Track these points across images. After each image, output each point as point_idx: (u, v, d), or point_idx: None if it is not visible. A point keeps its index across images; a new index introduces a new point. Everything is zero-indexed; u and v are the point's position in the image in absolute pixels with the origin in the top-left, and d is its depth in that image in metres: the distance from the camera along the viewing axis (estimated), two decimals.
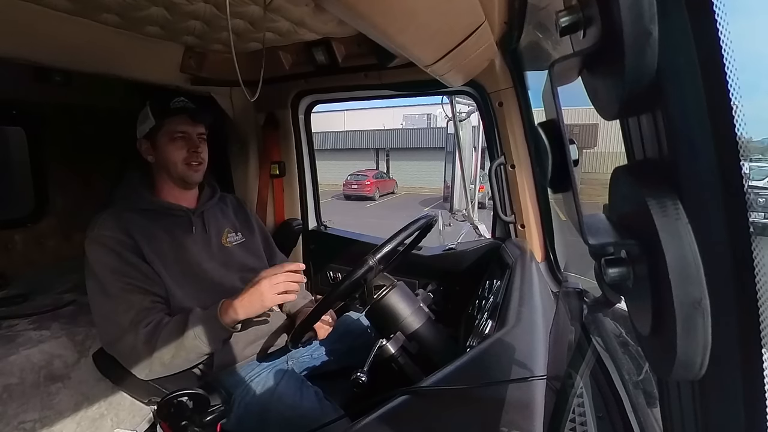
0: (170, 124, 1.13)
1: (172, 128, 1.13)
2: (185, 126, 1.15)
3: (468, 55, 1.06)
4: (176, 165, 1.14)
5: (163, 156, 1.15)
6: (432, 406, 0.63)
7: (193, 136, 1.16)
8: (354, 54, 1.50)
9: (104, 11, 1.12)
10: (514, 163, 1.41)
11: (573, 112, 0.91)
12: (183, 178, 1.16)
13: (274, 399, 1.05)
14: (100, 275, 1.01)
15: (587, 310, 1.10)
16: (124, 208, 1.10)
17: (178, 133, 1.14)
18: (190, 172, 1.16)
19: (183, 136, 1.15)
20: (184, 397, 0.86)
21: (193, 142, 1.16)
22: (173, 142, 1.14)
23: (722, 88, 0.27)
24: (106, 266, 1.01)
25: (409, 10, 0.69)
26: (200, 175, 1.19)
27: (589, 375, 0.84)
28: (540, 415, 0.58)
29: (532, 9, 1.05)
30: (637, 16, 0.27)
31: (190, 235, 1.16)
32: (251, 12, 1.18)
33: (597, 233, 0.33)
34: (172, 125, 1.13)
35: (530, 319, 0.85)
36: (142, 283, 1.02)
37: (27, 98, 1.65)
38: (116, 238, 1.03)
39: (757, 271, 0.28)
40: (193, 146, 1.15)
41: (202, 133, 1.19)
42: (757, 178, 2.80)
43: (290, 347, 1.04)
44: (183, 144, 1.14)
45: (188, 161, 1.15)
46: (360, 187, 17.08)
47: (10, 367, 1.18)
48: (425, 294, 1.15)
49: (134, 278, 1.01)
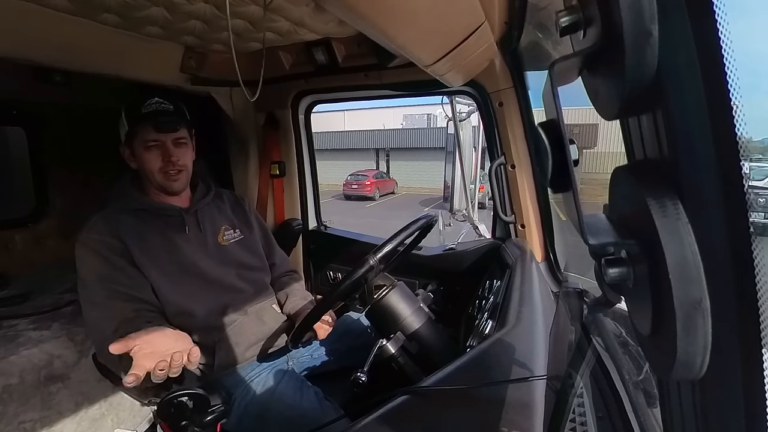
0: (142, 131, 1.06)
1: (144, 136, 1.07)
2: (156, 134, 1.07)
3: (468, 55, 1.06)
4: (154, 174, 1.09)
5: (141, 164, 1.09)
6: (432, 406, 0.63)
7: (167, 144, 1.08)
8: (354, 54, 1.50)
9: (104, 11, 1.12)
10: (514, 163, 1.41)
11: (573, 112, 0.91)
12: (163, 187, 1.12)
13: (274, 399, 1.05)
14: (87, 281, 1.00)
15: (587, 310, 1.10)
16: (116, 210, 1.09)
17: (151, 142, 1.07)
18: (169, 181, 1.10)
19: (156, 144, 1.08)
20: (184, 397, 0.86)
21: (167, 151, 1.08)
22: (148, 151, 1.07)
23: (722, 88, 0.27)
24: (92, 271, 1.00)
25: (409, 10, 0.69)
26: (181, 183, 1.14)
27: (590, 375, 0.84)
28: (540, 415, 0.58)
29: (532, 9, 1.05)
30: (637, 15, 0.27)
31: (184, 235, 1.14)
32: (251, 12, 1.18)
33: (597, 233, 0.33)
34: (143, 133, 1.06)
35: (530, 319, 0.85)
36: (128, 289, 1.00)
37: (27, 98, 1.65)
38: (105, 241, 1.01)
39: (758, 271, 0.28)
40: (167, 155, 1.08)
41: (179, 138, 1.11)
42: (758, 178, 2.80)
43: (290, 347, 1.05)
44: (158, 153, 1.08)
45: (164, 170, 1.09)
46: (360, 187, 17.08)
47: (11, 367, 1.18)
48: (425, 294, 1.15)
49: (120, 284, 0.99)
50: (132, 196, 1.13)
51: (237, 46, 1.24)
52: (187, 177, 1.16)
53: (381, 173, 19.25)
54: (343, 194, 17.17)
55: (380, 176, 18.67)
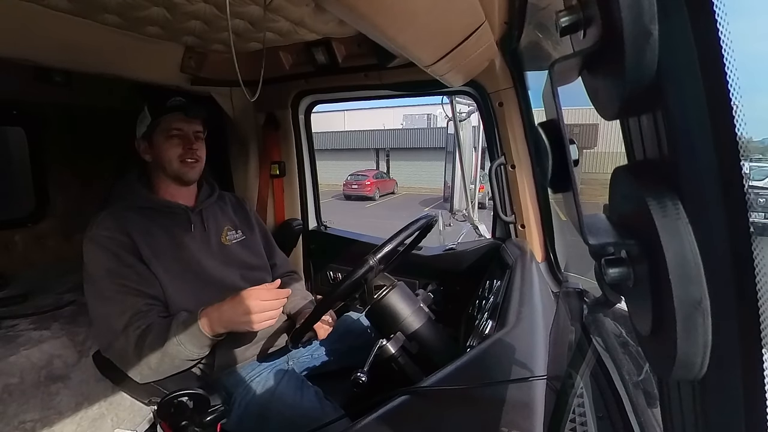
0: (166, 121, 1.14)
1: (167, 125, 1.14)
2: (180, 123, 1.15)
3: (468, 55, 1.06)
4: (172, 162, 1.14)
5: (159, 154, 1.14)
6: (432, 406, 0.63)
7: (188, 134, 1.16)
8: (354, 54, 1.50)
9: (105, 11, 1.12)
10: (515, 163, 1.41)
11: (573, 112, 0.91)
12: (179, 175, 1.16)
13: (274, 398, 1.05)
14: (95, 277, 1.01)
15: (587, 310, 1.10)
16: (122, 207, 1.10)
17: (174, 131, 1.14)
18: (186, 169, 1.16)
19: (179, 133, 1.15)
20: (185, 397, 0.86)
21: (189, 139, 1.16)
22: (169, 140, 1.14)
23: (722, 88, 0.27)
24: (101, 267, 1.01)
25: (410, 10, 0.69)
26: (196, 172, 1.19)
27: (590, 375, 0.84)
28: (540, 415, 0.58)
29: (532, 9, 1.05)
30: (638, 15, 0.27)
31: (189, 233, 1.16)
32: (251, 12, 1.18)
33: (597, 233, 0.33)
34: (167, 122, 1.14)
35: (530, 319, 0.85)
36: (138, 284, 1.01)
37: (27, 98, 1.65)
38: (113, 237, 1.03)
39: (758, 271, 0.28)
40: (188, 143, 1.15)
41: (198, 131, 1.19)
42: (758, 178, 2.80)
43: (290, 347, 1.04)
44: (179, 141, 1.15)
45: (183, 158, 1.15)
46: (360, 187, 17.08)
47: (11, 367, 1.18)
48: (425, 294, 1.15)
49: (130, 280, 1.01)
50: (139, 193, 1.15)
51: (237, 46, 1.24)
52: (200, 169, 1.21)
53: (381, 173, 19.25)
54: (343, 194, 17.17)
55: (380, 176, 18.66)
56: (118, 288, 0.99)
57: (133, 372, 0.99)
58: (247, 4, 1.12)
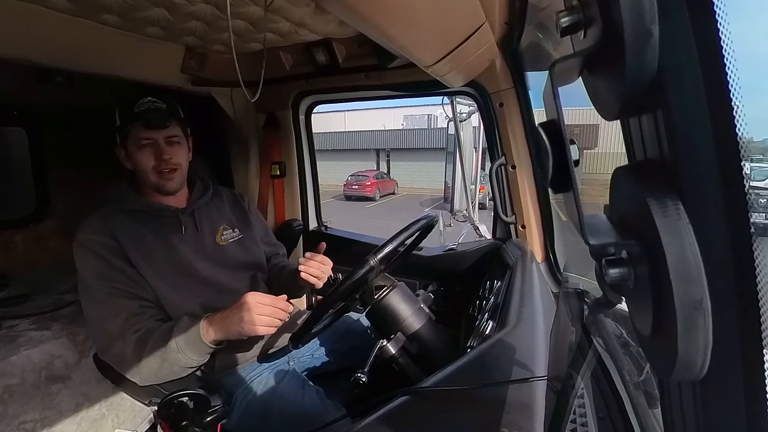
0: (134, 130, 1.06)
1: (136, 135, 1.06)
2: (149, 132, 1.06)
3: (468, 56, 1.06)
4: (148, 174, 1.09)
5: (135, 164, 1.09)
6: (433, 407, 0.63)
7: (159, 142, 1.08)
8: (354, 54, 1.50)
9: (105, 12, 1.12)
10: (515, 163, 1.41)
11: (574, 112, 0.91)
12: (158, 187, 1.11)
13: (275, 398, 1.04)
14: (87, 280, 1.00)
15: (588, 311, 1.10)
16: (111, 210, 1.08)
17: (143, 140, 1.07)
18: (163, 181, 1.10)
19: (149, 143, 1.07)
20: (185, 397, 0.86)
21: (159, 149, 1.08)
22: (141, 150, 1.07)
23: (723, 89, 0.27)
24: (91, 271, 1.00)
25: (410, 10, 0.69)
26: (176, 182, 1.13)
27: (590, 375, 0.83)
28: (541, 415, 0.58)
29: (532, 9, 1.05)
30: (638, 16, 0.27)
31: (180, 236, 1.13)
32: (252, 12, 1.18)
33: (598, 233, 0.33)
34: (135, 131, 1.06)
35: (531, 319, 0.85)
36: (128, 287, 1.00)
37: (28, 99, 1.65)
38: (100, 241, 1.01)
39: (758, 271, 0.28)
40: (159, 153, 1.08)
41: (171, 136, 1.10)
42: (758, 179, 2.79)
43: (291, 348, 1.04)
44: (151, 151, 1.07)
45: (158, 169, 1.08)
46: (360, 187, 17.07)
47: (11, 367, 1.18)
48: (426, 294, 1.15)
49: (120, 282, 1.00)
50: (129, 197, 1.13)
51: (238, 46, 1.25)
52: (182, 176, 1.15)
53: (381, 174, 19.25)
54: (344, 195, 17.17)
55: (381, 177, 18.66)
56: (110, 291, 0.99)
57: (131, 374, 0.99)
58: (247, 4, 1.13)
